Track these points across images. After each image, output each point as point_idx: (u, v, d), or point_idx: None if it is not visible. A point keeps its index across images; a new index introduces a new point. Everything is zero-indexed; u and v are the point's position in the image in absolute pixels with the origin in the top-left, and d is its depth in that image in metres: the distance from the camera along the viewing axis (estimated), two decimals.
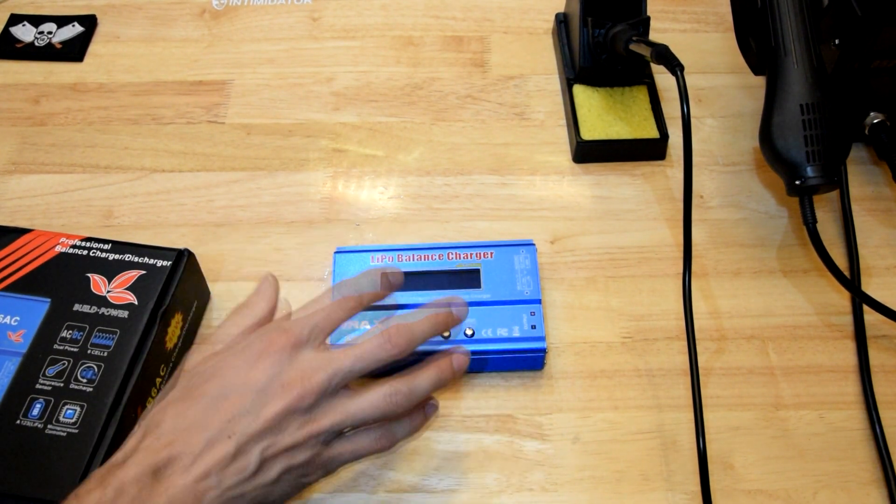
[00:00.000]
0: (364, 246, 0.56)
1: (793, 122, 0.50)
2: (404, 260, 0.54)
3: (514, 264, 0.53)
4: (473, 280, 0.52)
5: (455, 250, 0.54)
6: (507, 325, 0.51)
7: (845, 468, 0.49)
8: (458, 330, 0.50)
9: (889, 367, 0.53)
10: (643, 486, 0.49)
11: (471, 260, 0.53)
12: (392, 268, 0.47)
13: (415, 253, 0.54)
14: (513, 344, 0.50)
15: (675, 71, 0.51)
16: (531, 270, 0.53)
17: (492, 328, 0.51)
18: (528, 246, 0.54)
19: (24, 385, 0.46)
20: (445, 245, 0.54)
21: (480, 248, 0.54)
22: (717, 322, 0.55)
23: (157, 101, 0.67)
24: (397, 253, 0.54)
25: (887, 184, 0.61)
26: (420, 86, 0.68)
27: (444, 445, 0.50)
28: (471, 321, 0.51)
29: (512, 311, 0.51)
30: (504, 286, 0.52)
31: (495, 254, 0.54)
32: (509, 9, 0.73)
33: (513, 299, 0.52)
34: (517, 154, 0.64)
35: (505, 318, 0.51)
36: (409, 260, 0.54)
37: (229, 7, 0.74)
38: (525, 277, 0.52)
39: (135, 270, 0.50)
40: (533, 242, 0.55)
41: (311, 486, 0.42)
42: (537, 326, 0.51)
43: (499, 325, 0.51)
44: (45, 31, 0.71)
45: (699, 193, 0.61)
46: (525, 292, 0.52)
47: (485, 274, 0.53)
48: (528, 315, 0.51)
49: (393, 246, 0.55)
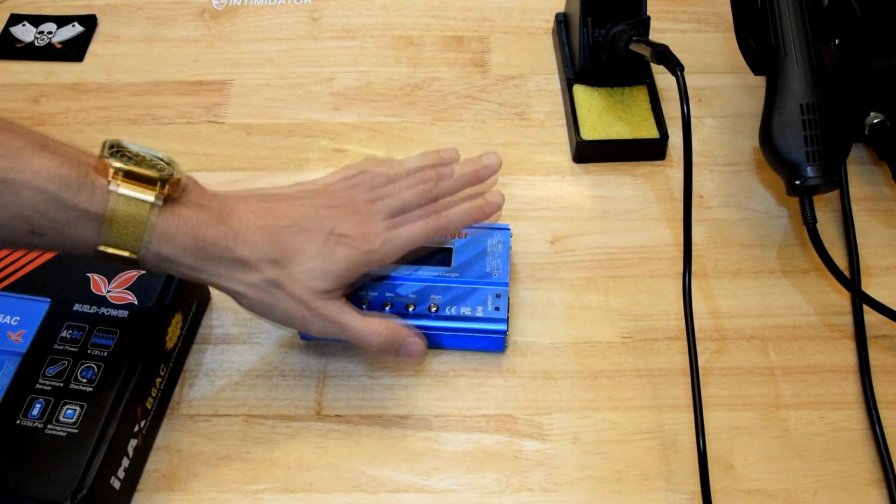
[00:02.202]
0: None
1: (793, 122, 0.50)
2: None
3: (487, 247, 0.54)
4: (445, 258, 0.53)
5: None
6: (472, 305, 0.51)
7: (845, 468, 0.49)
8: (424, 306, 0.51)
9: (889, 367, 0.53)
10: (643, 486, 0.49)
11: (445, 239, 0.54)
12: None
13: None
14: (474, 323, 0.51)
15: (675, 71, 0.51)
16: (503, 254, 0.54)
17: (456, 306, 0.51)
18: (503, 230, 0.55)
19: (24, 385, 0.46)
20: None
21: None
22: (717, 322, 0.55)
23: (157, 101, 0.67)
24: None
25: (887, 184, 0.61)
26: (420, 86, 0.68)
27: (444, 445, 0.50)
28: (436, 297, 0.52)
29: (478, 291, 0.52)
30: (474, 267, 0.53)
31: (469, 235, 0.55)
32: (509, 9, 0.73)
33: (481, 281, 0.53)
34: (517, 154, 0.64)
35: (470, 297, 0.52)
36: None
37: (229, 7, 0.74)
38: (495, 261, 0.53)
39: (135, 270, 0.50)
40: (509, 228, 0.55)
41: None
42: (501, 308, 0.51)
43: (463, 303, 0.52)
44: (45, 31, 0.71)
45: (699, 193, 0.61)
46: (494, 275, 0.53)
47: (456, 253, 0.54)
48: (493, 297, 0.52)
49: None
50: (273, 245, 0.44)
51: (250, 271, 0.44)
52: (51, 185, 0.37)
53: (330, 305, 0.46)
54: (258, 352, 0.54)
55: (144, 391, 0.48)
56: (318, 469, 0.49)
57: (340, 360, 0.54)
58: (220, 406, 0.52)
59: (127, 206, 0.39)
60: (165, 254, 0.41)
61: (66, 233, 0.39)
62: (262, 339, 0.55)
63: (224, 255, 0.43)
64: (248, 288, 0.44)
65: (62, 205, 0.38)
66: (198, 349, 0.54)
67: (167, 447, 0.50)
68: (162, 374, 0.50)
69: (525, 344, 0.54)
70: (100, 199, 0.39)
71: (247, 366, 0.53)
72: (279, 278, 0.44)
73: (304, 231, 0.45)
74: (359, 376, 0.53)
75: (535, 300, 0.56)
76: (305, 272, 0.45)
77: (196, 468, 0.49)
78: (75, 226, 0.39)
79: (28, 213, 0.38)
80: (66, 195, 0.38)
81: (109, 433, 0.44)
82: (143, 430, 0.48)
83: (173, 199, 0.41)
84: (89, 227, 0.39)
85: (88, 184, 0.39)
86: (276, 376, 0.53)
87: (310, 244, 0.45)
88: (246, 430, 0.51)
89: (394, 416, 0.51)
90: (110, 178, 0.39)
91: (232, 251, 0.43)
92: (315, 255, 0.45)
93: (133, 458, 0.47)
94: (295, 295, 0.45)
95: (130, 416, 0.46)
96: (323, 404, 0.52)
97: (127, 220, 0.39)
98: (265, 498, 0.48)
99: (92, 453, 0.44)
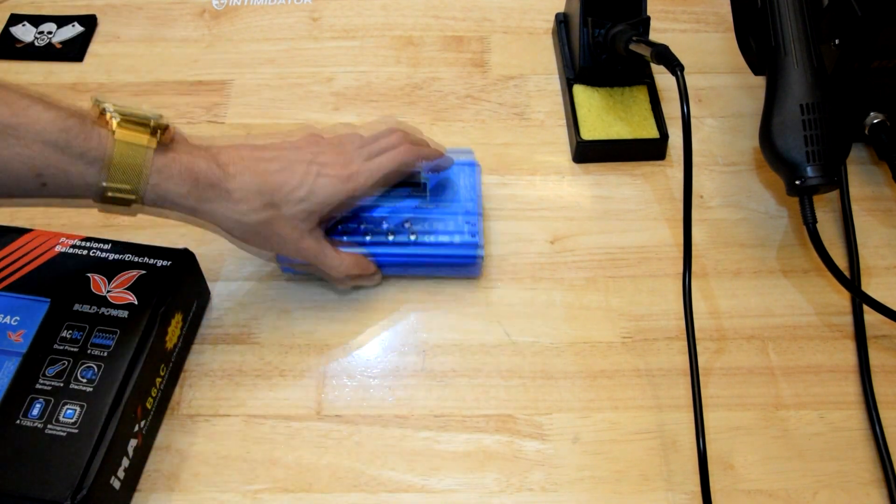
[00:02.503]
0: None
1: (793, 122, 0.50)
2: None
3: (459, 181, 0.58)
4: (421, 192, 0.57)
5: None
6: (448, 233, 0.55)
7: (845, 468, 0.49)
8: (403, 235, 0.55)
9: (889, 367, 0.53)
10: (643, 486, 0.49)
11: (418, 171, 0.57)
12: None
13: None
14: (451, 249, 0.55)
15: (675, 71, 0.51)
16: (474, 187, 0.57)
17: (434, 234, 0.55)
18: (473, 166, 0.59)
19: (24, 385, 0.46)
20: None
21: None
22: (717, 322, 0.55)
23: (157, 101, 0.67)
24: None
25: (887, 184, 0.61)
26: (420, 86, 0.68)
27: (444, 445, 0.50)
28: (415, 227, 0.55)
29: (454, 220, 0.56)
30: (448, 199, 0.57)
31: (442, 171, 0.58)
32: (509, 9, 0.73)
33: (455, 211, 0.56)
34: (517, 154, 0.64)
35: (447, 225, 0.55)
36: None
37: (229, 7, 0.74)
38: (468, 192, 0.57)
39: (135, 270, 0.50)
40: (478, 163, 0.59)
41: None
42: (475, 235, 0.55)
43: (440, 232, 0.55)
44: (45, 31, 0.71)
45: (699, 193, 0.61)
46: (467, 205, 0.56)
47: (432, 187, 0.57)
48: (468, 224, 0.55)
49: None
50: (263, 185, 0.48)
51: (243, 210, 0.47)
52: (57, 134, 0.42)
53: (312, 237, 0.51)
54: (258, 352, 0.54)
55: (144, 391, 0.48)
56: (318, 469, 0.49)
57: (340, 360, 0.54)
58: (220, 406, 0.52)
59: (127, 148, 0.44)
60: (165, 190, 0.45)
61: (72, 177, 0.43)
62: (262, 339, 0.55)
63: (219, 194, 0.47)
64: (240, 222, 0.48)
65: (68, 150, 0.42)
66: (198, 349, 0.54)
67: (167, 447, 0.50)
68: (162, 374, 0.50)
69: (525, 344, 0.54)
70: (103, 144, 0.43)
71: (247, 366, 0.53)
72: (269, 217, 0.48)
73: (292, 172, 0.49)
74: (359, 376, 0.53)
75: (535, 300, 0.56)
76: (291, 204, 0.49)
77: (196, 468, 0.49)
78: (80, 170, 0.43)
79: (37, 161, 0.42)
80: (72, 141, 0.42)
81: (109, 433, 0.44)
82: (143, 430, 0.48)
83: (166, 144, 0.46)
84: (94, 169, 0.43)
85: (91, 131, 0.43)
86: (276, 376, 0.53)
87: (299, 183, 0.49)
88: (246, 430, 0.51)
89: (394, 416, 0.51)
90: (110, 124, 0.44)
91: (225, 186, 0.47)
92: (299, 186, 0.49)
93: (133, 458, 0.47)
94: (283, 226, 0.49)
95: (130, 416, 0.46)
96: (323, 404, 0.52)
97: (129, 159, 0.44)
98: (265, 498, 0.48)
99: (92, 453, 0.43)
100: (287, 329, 0.55)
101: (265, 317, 0.55)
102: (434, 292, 0.56)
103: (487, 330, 0.55)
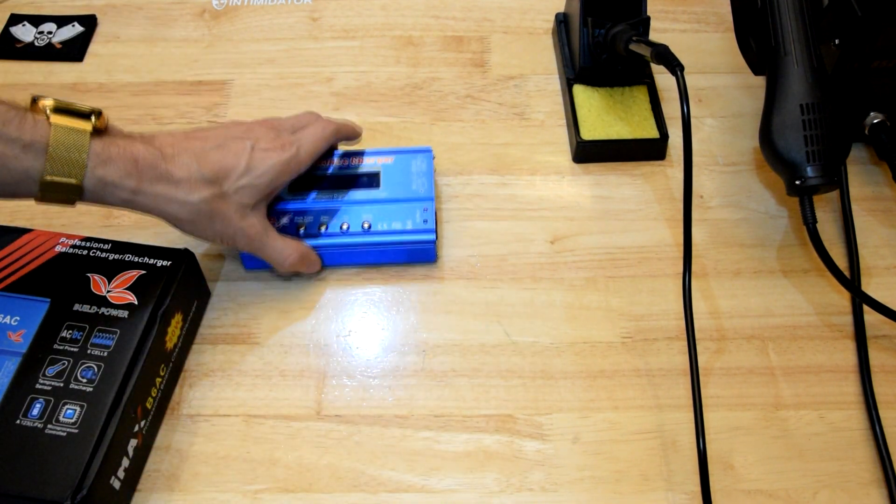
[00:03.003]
0: None
1: (793, 122, 0.50)
2: (315, 165, 0.57)
3: (412, 168, 0.58)
4: (374, 181, 0.57)
5: (359, 156, 0.59)
6: (402, 220, 0.56)
7: (845, 468, 0.49)
8: (357, 223, 0.55)
9: (889, 367, 0.53)
10: (643, 486, 0.49)
11: (372, 164, 0.58)
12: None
13: (323, 159, 0.58)
14: (405, 236, 0.55)
15: (675, 71, 0.51)
16: (426, 173, 0.58)
17: (387, 222, 0.55)
18: (426, 153, 0.59)
19: (24, 385, 0.46)
20: (351, 152, 0.59)
21: (382, 154, 0.59)
22: (717, 322, 0.55)
23: (157, 101, 0.67)
24: None
25: (887, 184, 0.61)
26: (420, 86, 0.68)
27: (444, 445, 0.50)
28: (368, 216, 0.56)
29: (406, 207, 0.56)
30: (401, 186, 0.57)
31: (395, 159, 0.59)
32: (509, 9, 0.73)
33: (408, 197, 0.57)
34: (517, 154, 0.64)
35: (400, 213, 0.56)
36: (319, 164, 0.58)
37: (229, 7, 0.74)
38: (420, 179, 0.57)
39: (135, 270, 0.50)
40: (431, 150, 0.59)
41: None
42: (428, 221, 0.55)
43: (394, 219, 0.56)
44: (45, 31, 0.71)
45: (699, 193, 0.61)
46: (420, 192, 0.57)
47: (384, 176, 0.58)
48: (421, 211, 0.56)
49: None
50: (202, 164, 0.48)
51: (185, 191, 0.47)
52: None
53: (257, 222, 0.51)
54: (258, 352, 0.54)
55: (144, 391, 0.48)
56: (318, 469, 0.49)
57: (340, 360, 0.54)
58: (220, 406, 0.52)
59: (64, 133, 0.44)
60: (107, 178, 0.45)
61: (12, 166, 0.43)
62: (262, 339, 0.55)
63: (160, 176, 0.47)
64: (183, 203, 0.47)
65: (6, 139, 0.42)
66: (198, 349, 0.54)
67: (167, 447, 0.50)
68: (162, 374, 0.50)
69: (525, 344, 0.54)
70: (41, 131, 0.43)
71: (247, 366, 0.53)
72: (213, 196, 0.48)
73: (228, 149, 0.50)
74: (359, 376, 0.53)
75: (535, 300, 0.56)
76: (237, 188, 0.49)
77: (196, 468, 0.49)
78: (21, 158, 0.43)
79: None
80: (9, 130, 0.42)
81: (109, 433, 0.44)
82: (143, 430, 0.48)
83: (102, 130, 0.46)
84: (35, 157, 0.43)
85: (29, 118, 0.43)
86: (276, 376, 0.53)
87: (237, 159, 0.49)
88: (246, 430, 0.51)
89: (394, 416, 0.51)
90: (45, 111, 0.44)
91: (167, 171, 0.47)
92: (236, 162, 0.49)
93: (133, 458, 0.47)
94: (228, 211, 0.49)
95: (130, 416, 0.46)
96: (323, 404, 0.52)
97: (69, 146, 0.44)
98: (265, 498, 0.48)
99: (92, 453, 0.44)
100: (287, 329, 0.55)
101: (265, 317, 0.56)
102: (434, 292, 0.57)
103: (487, 330, 0.55)
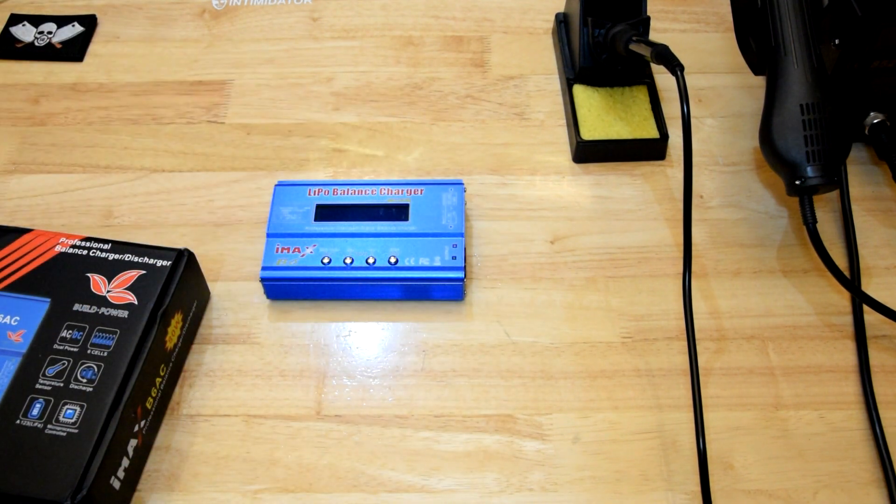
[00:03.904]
0: (303, 180, 0.59)
1: (793, 122, 0.50)
2: (340, 193, 0.56)
3: (442, 201, 0.56)
4: (403, 213, 0.56)
5: (388, 186, 0.57)
6: (429, 255, 0.54)
7: (845, 468, 0.49)
8: (384, 258, 0.53)
9: (889, 367, 0.53)
10: (643, 487, 0.49)
11: (402, 196, 0.57)
12: None
13: (351, 188, 0.57)
14: (433, 272, 0.53)
15: (675, 71, 0.51)
16: (457, 207, 0.56)
17: (415, 257, 0.54)
18: (457, 185, 0.57)
19: (24, 385, 0.46)
20: (379, 182, 0.58)
21: (411, 185, 0.57)
22: (717, 322, 0.55)
23: (157, 101, 0.67)
24: (333, 187, 0.57)
25: (887, 184, 0.61)
26: (420, 86, 0.68)
27: (444, 445, 0.50)
28: (395, 250, 0.54)
29: (435, 242, 0.54)
30: (430, 220, 0.55)
31: (425, 191, 0.57)
32: (509, 9, 0.73)
33: (437, 232, 0.55)
34: (517, 154, 0.64)
35: (428, 248, 0.54)
36: (345, 194, 0.57)
37: (229, 7, 0.74)
38: (451, 213, 0.56)
39: (135, 270, 0.50)
40: (462, 182, 0.57)
41: None
42: (457, 258, 0.54)
43: (422, 254, 0.54)
44: (45, 31, 0.71)
45: (699, 193, 0.61)
46: (449, 227, 0.55)
47: (413, 208, 0.56)
48: (450, 247, 0.54)
49: (330, 181, 0.58)
50: None
51: None
52: None
53: None
54: (258, 352, 0.54)
55: (144, 391, 0.48)
56: (318, 469, 0.49)
57: (340, 360, 0.54)
58: (220, 406, 0.52)
59: None
60: None
61: None
62: (262, 339, 0.55)
63: None
64: None
65: None
66: (198, 349, 0.54)
67: (167, 447, 0.50)
68: (162, 374, 0.50)
69: (525, 344, 0.54)
70: None
71: (247, 366, 0.53)
72: None
73: None
74: (359, 376, 0.53)
75: (535, 300, 0.56)
76: None
77: (196, 468, 0.49)
78: None
79: None
80: None
81: (109, 433, 0.44)
82: (143, 430, 0.48)
83: None
84: None
85: None
86: (276, 376, 0.53)
87: None
88: (246, 430, 0.51)
89: (394, 416, 0.51)
90: None
91: None
92: None
93: (133, 458, 0.47)
94: None
95: (130, 416, 0.46)
96: (323, 404, 0.52)
97: None
98: (265, 498, 0.48)
99: (92, 453, 0.44)
100: (287, 329, 0.55)
101: (265, 317, 0.56)
102: None
103: (487, 330, 0.55)
